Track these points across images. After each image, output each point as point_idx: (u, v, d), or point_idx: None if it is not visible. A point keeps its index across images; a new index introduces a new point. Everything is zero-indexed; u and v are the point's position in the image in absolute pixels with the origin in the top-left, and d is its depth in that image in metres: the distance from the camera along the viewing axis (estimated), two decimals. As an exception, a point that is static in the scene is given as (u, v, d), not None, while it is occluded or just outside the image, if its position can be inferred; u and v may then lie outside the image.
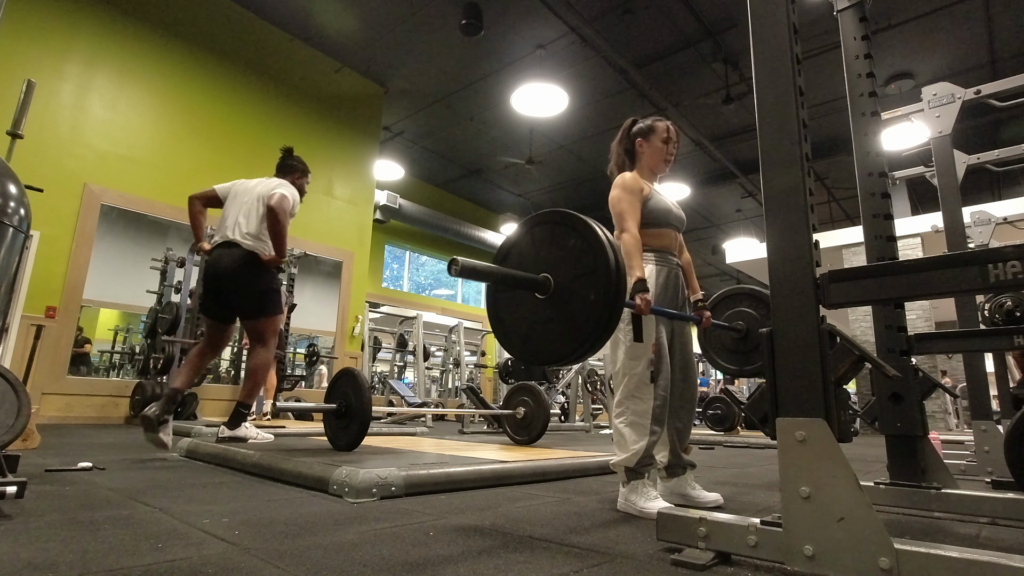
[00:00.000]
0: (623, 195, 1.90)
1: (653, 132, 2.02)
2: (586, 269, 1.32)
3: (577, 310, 1.31)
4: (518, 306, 1.45)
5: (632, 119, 2.10)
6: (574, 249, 1.35)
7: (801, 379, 1.13)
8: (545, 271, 1.39)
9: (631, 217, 1.86)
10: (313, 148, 7.58)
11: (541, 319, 1.39)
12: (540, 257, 1.42)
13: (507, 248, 1.50)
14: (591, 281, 1.31)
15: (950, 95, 2.90)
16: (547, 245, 1.42)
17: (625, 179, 1.95)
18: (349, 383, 2.75)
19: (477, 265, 1.33)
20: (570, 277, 1.35)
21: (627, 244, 1.80)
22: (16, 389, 1.62)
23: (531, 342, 1.41)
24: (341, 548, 1.21)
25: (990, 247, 1.42)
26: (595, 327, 1.29)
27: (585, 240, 1.34)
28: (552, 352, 1.36)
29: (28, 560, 1.05)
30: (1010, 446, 1.98)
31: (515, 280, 1.40)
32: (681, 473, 1.94)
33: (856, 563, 0.99)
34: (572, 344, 1.32)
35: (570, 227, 1.38)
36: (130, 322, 8.62)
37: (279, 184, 3.28)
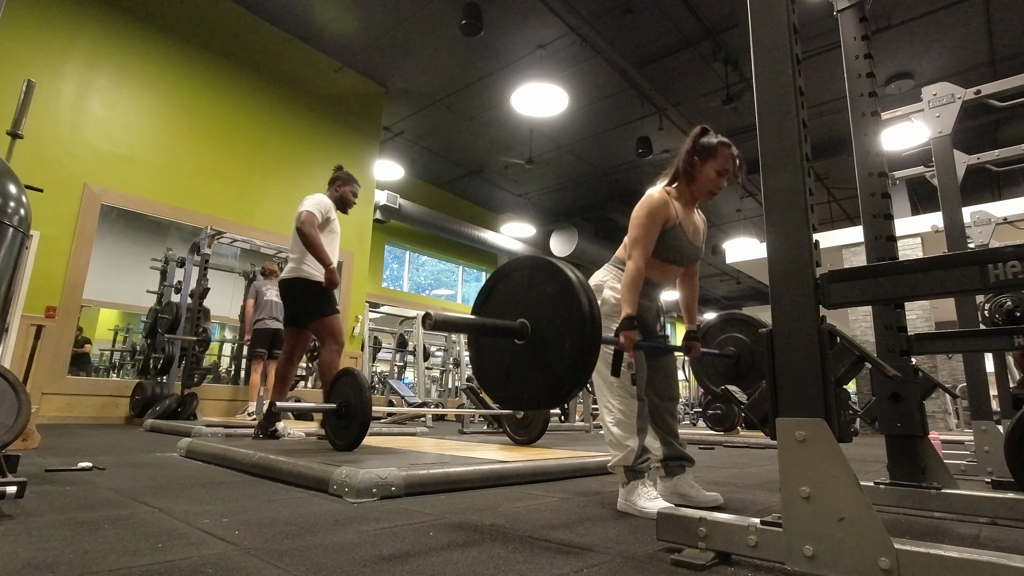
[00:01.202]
0: (644, 220, 1.80)
1: (712, 157, 1.85)
2: (561, 318, 1.32)
3: (553, 358, 1.31)
4: (497, 349, 1.45)
5: (702, 127, 1.91)
6: (551, 296, 1.35)
7: (801, 379, 1.13)
8: (523, 316, 1.38)
9: (642, 247, 1.78)
10: (313, 148, 7.59)
11: (519, 364, 1.39)
12: (519, 301, 1.41)
13: (488, 290, 1.50)
14: (566, 330, 1.30)
15: (950, 95, 2.90)
16: (525, 289, 1.41)
17: (653, 201, 1.83)
18: (349, 383, 2.75)
19: (450, 318, 1.34)
20: (546, 324, 1.35)
21: (629, 274, 1.75)
22: (16, 389, 1.62)
23: (509, 387, 1.41)
24: (341, 548, 1.21)
25: (990, 247, 1.42)
26: (570, 376, 1.29)
27: (561, 288, 1.33)
28: (529, 399, 1.36)
29: (28, 560, 1.05)
30: (1010, 446, 1.97)
31: (492, 329, 1.40)
32: (680, 471, 1.94)
33: (856, 563, 0.99)
34: (547, 392, 1.32)
35: (548, 274, 1.38)
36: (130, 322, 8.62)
37: (305, 200, 3.41)
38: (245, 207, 6.81)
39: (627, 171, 10.36)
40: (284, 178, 7.23)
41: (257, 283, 5.86)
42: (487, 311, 1.47)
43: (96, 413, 5.46)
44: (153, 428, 4.55)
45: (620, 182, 10.84)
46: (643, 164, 9.69)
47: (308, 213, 3.28)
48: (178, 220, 6.32)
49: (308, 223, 3.24)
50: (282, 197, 7.19)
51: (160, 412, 5.13)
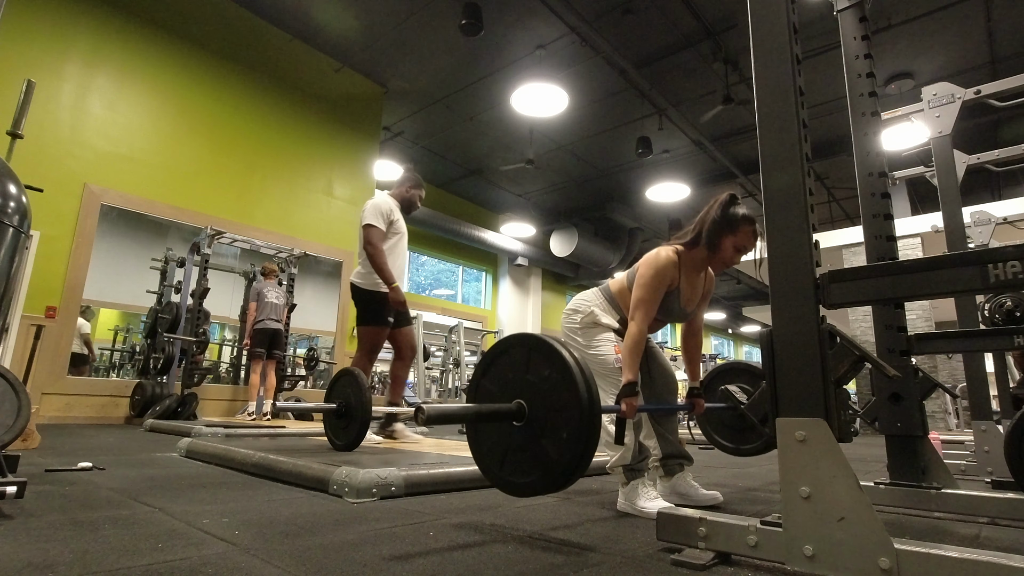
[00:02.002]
0: (650, 283, 1.76)
1: (732, 233, 1.78)
2: (560, 405, 1.28)
3: (550, 445, 1.27)
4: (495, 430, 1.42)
5: (731, 195, 1.83)
6: (549, 380, 1.31)
7: (801, 379, 1.13)
8: (520, 396, 1.35)
9: (645, 311, 1.75)
10: (313, 148, 7.59)
11: (515, 446, 1.35)
12: (516, 380, 1.38)
13: (485, 366, 1.47)
14: (564, 418, 1.26)
15: (950, 95, 2.90)
16: (523, 369, 1.37)
17: (661, 261, 1.78)
18: (349, 383, 2.75)
19: (445, 410, 1.29)
20: (544, 408, 1.31)
21: (631, 338, 1.72)
22: (16, 389, 1.62)
23: (505, 470, 1.37)
24: (341, 548, 1.21)
25: (990, 247, 1.42)
26: (567, 466, 1.24)
27: (560, 375, 1.29)
28: (526, 486, 1.31)
29: (28, 560, 1.05)
30: (1010, 446, 1.97)
31: (488, 415, 1.35)
32: (679, 470, 1.94)
33: (856, 563, 0.99)
34: (545, 481, 1.28)
35: (545, 357, 1.33)
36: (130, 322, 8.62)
37: (365, 210, 3.37)
38: (245, 207, 6.80)
39: (627, 171, 10.36)
40: (284, 178, 7.23)
41: (258, 284, 5.86)
42: (484, 389, 1.44)
43: (96, 413, 5.46)
44: (153, 428, 4.55)
45: (620, 182, 10.84)
46: (643, 164, 9.69)
47: (371, 230, 3.20)
48: (178, 220, 6.32)
49: (373, 241, 3.17)
50: (282, 197, 7.19)
51: (160, 412, 5.13)
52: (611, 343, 1.85)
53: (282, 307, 5.85)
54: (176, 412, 5.24)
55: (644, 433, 1.92)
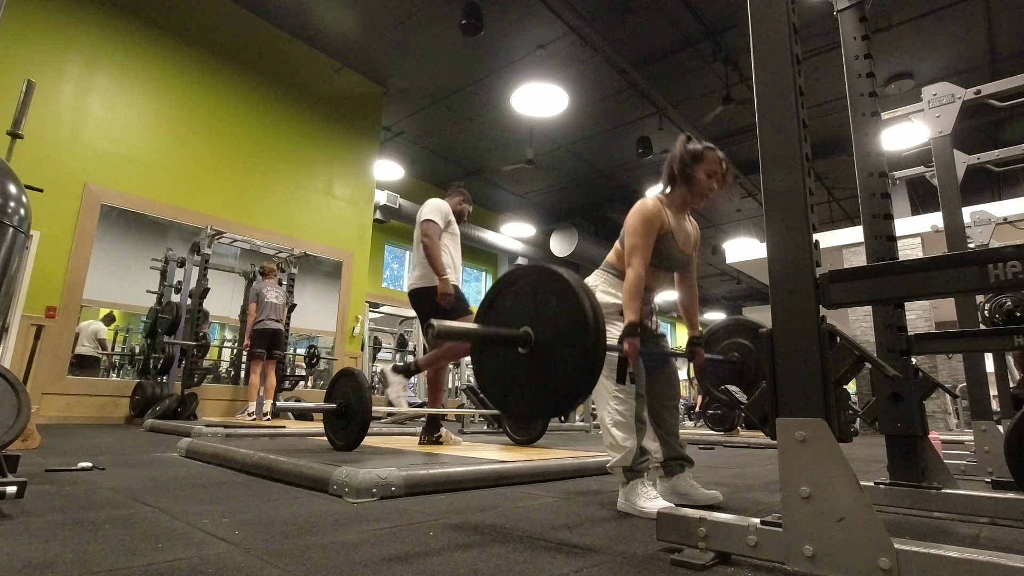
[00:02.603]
0: (639, 228, 1.82)
1: (700, 161, 1.88)
2: (566, 332, 1.30)
3: (555, 370, 1.30)
4: (501, 358, 1.44)
5: (687, 135, 1.95)
6: (555, 309, 1.33)
7: (801, 379, 1.13)
8: (527, 324, 1.37)
9: (641, 255, 1.80)
10: (313, 148, 7.59)
11: (521, 373, 1.38)
12: (523, 310, 1.40)
13: (491, 298, 1.49)
14: (570, 345, 1.29)
15: (950, 95, 2.90)
16: (530, 299, 1.40)
17: (647, 208, 1.85)
18: (349, 383, 2.75)
19: (454, 327, 1.33)
20: (550, 336, 1.33)
21: (630, 282, 1.76)
22: (16, 389, 1.62)
23: (511, 396, 1.39)
24: (341, 548, 1.21)
25: (990, 247, 1.42)
26: (572, 390, 1.28)
27: (566, 303, 1.32)
28: (531, 409, 1.36)
29: (28, 560, 1.05)
30: (1010, 446, 1.97)
31: (496, 338, 1.39)
32: (679, 471, 1.94)
33: (856, 563, 0.99)
34: (550, 404, 1.31)
35: (552, 285, 1.36)
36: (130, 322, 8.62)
37: (425, 207, 3.45)
38: (245, 207, 6.81)
39: (627, 171, 10.36)
40: (284, 178, 7.23)
41: (257, 284, 5.86)
42: (490, 320, 1.46)
43: (96, 413, 5.46)
44: (153, 428, 4.55)
45: (620, 182, 10.84)
46: (643, 164, 9.69)
47: (429, 223, 3.29)
48: (178, 220, 6.32)
49: (430, 233, 3.26)
50: (282, 197, 7.19)
51: (160, 412, 5.13)
52: None
53: (282, 307, 5.85)
54: (176, 412, 5.24)
55: (646, 436, 1.91)
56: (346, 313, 7.73)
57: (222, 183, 6.67)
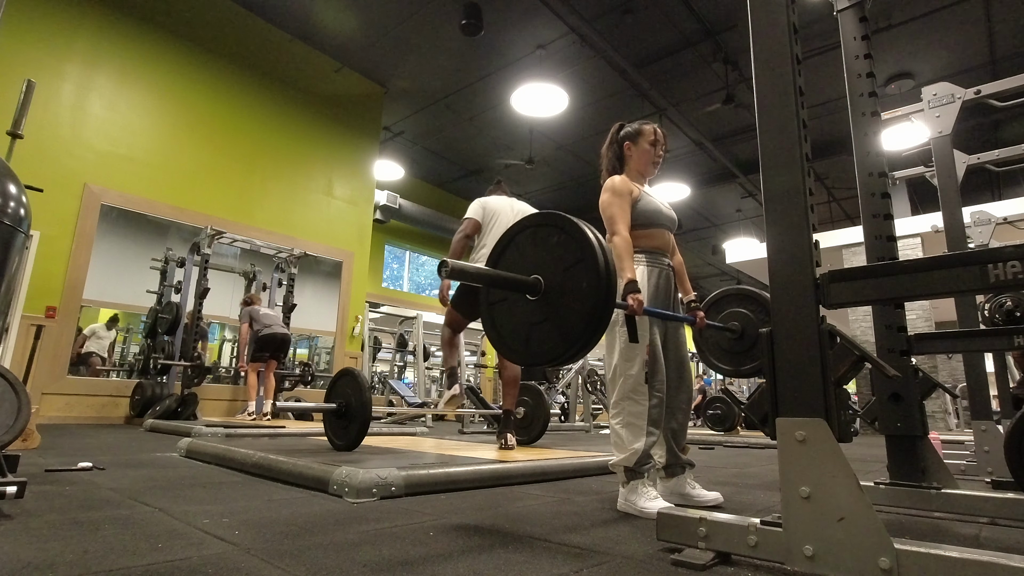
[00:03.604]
0: (612, 199, 1.91)
1: (640, 135, 2.04)
2: (573, 261, 1.32)
3: (569, 306, 1.31)
4: (511, 312, 1.45)
5: (619, 124, 2.13)
6: (559, 245, 1.36)
7: (801, 379, 1.13)
8: (535, 273, 1.39)
9: (621, 220, 1.87)
10: (313, 148, 7.59)
11: (535, 320, 1.39)
12: (528, 261, 1.42)
13: (503, 246, 1.51)
14: (579, 273, 1.31)
15: (950, 95, 2.90)
16: (533, 248, 1.42)
17: (614, 182, 1.96)
18: (349, 383, 2.75)
19: (467, 267, 1.34)
20: (559, 273, 1.35)
21: (618, 247, 1.80)
22: (16, 389, 1.62)
23: (529, 344, 1.40)
24: (341, 548, 1.21)
25: (990, 247, 1.42)
26: (587, 322, 1.28)
27: (567, 234, 1.35)
28: (548, 352, 1.36)
29: (28, 560, 1.05)
30: (1010, 446, 1.97)
31: (505, 281, 1.40)
32: (680, 473, 1.94)
33: (856, 563, 0.99)
34: (566, 343, 1.31)
35: (551, 225, 1.40)
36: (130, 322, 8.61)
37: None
38: (245, 207, 6.81)
39: (627, 171, 10.35)
40: (284, 178, 7.23)
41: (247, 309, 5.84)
42: (502, 266, 1.48)
43: (96, 413, 5.46)
44: (153, 428, 4.55)
45: (620, 182, 10.84)
46: (643, 164, 9.68)
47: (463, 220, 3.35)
48: (178, 220, 6.32)
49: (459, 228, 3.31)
50: (282, 197, 7.19)
51: (160, 412, 5.13)
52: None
53: (279, 317, 5.88)
54: (176, 412, 5.24)
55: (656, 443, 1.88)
56: (346, 313, 7.73)
57: (222, 183, 6.67)
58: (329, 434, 2.81)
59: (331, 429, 2.81)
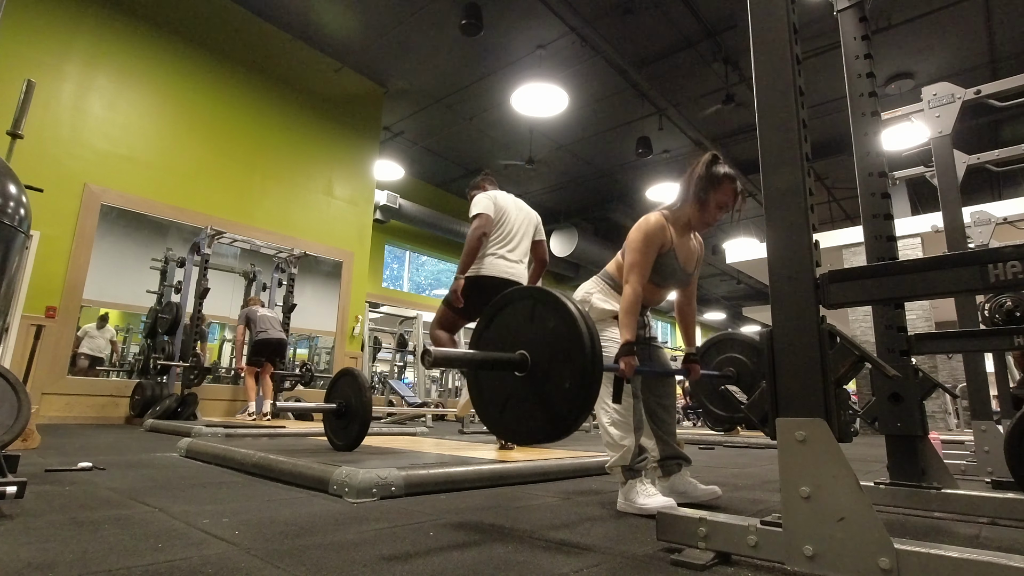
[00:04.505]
0: (640, 245, 1.79)
1: (715, 189, 1.81)
2: (563, 354, 1.29)
3: (553, 393, 1.29)
4: (497, 381, 1.42)
5: (713, 154, 1.87)
6: (553, 331, 1.32)
7: (801, 379, 1.13)
8: (523, 347, 1.36)
9: (639, 272, 1.78)
10: (313, 148, 7.59)
11: (518, 396, 1.36)
12: (519, 332, 1.39)
13: (488, 319, 1.47)
14: (567, 367, 1.28)
15: (950, 95, 2.90)
16: (527, 321, 1.38)
17: (649, 225, 1.81)
18: (349, 383, 2.75)
19: (450, 354, 1.32)
20: (547, 358, 1.32)
21: (627, 299, 1.75)
22: (16, 389, 1.62)
23: (507, 418, 1.37)
24: (341, 548, 1.21)
25: (990, 247, 1.42)
26: (569, 413, 1.26)
27: (564, 323, 1.30)
28: (528, 433, 1.33)
29: (28, 560, 1.05)
30: (1010, 446, 1.97)
31: (492, 363, 1.37)
32: (677, 470, 1.94)
33: (856, 563, 0.99)
34: (547, 428, 1.29)
35: (550, 307, 1.35)
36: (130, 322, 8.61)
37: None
38: (245, 207, 6.81)
39: (627, 171, 10.36)
40: (284, 178, 7.23)
41: (245, 311, 5.86)
42: (486, 340, 1.44)
43: (96, 413, 5.46)
44: (153, 428, 4.55)
45: (620, 182, 10.84)
46: (643, 164, 9.69)
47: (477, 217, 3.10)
48: (178, 220, 6.32)
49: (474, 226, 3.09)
50: (282, 197, 7.19)
51: (160, 412, 5.13)
52: (616, 343, 1.85)
53: (278, 319, 5.88)
54: (176, 412, 5.24)
55: (643, 434, 1.92)
56: (346, 313, 7.73)
57: (222, 183, 6.67)
58: (329, 434, 2.81)
59: (331, 429, 2.81)
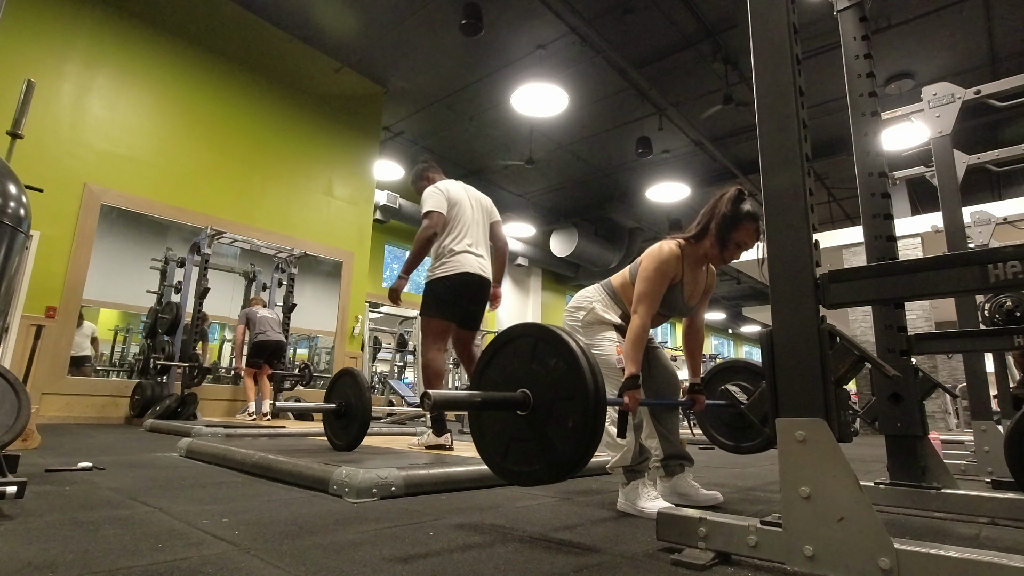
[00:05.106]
0: (653, 275, 1.77)
1: (736, 229, 1.77)
2: (566, 395, 1.27)
3: (555, 435, 1.27)
4: (498, 419, 1.41)
5: (739, 189, 1.84)
6: (555, 370, 1.30)
7: (801, 379, 1.13)
8: (526, 385, 1.34)
9: (648, 304, 1.76)
10: (313, 148, 7.59)
11: (519, 436, 1.34)
12: (521, 370, 1.37)
13: (490, 356, 1.46)
14: (570, 408, 1.26)
15: (950, 95, 2.90)
16: (529, 359, 1.36)
17: (663, 255, 1.79)
18: (349, 383, 2.75)
19: (450, 396, 1.30)
20: (549, 398, 1.30)
21: (634, 331, 1.73)
22: (16, 389, 1.62)
23: (509, 460, 1.35)
24: (341, 548, 1.21)
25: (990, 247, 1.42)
26: (572, 455, 1.24)
27: (567, 364, 1.28)
28: (529, 475, 1.31)
29: (28, 560, 1.05)
30: (1010, 446, 1.97)
31: (492, 403, 1.35)
32: (680, 470, 1.94)
33: (856, 563, 0.99)
34: (549, 471, 1.27)
35: (552, 345, 1.33)
36: (130, 322, 8.62)
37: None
38: (245, 207, 6.81)
39: (627, 171, 10.35)
40: (284, 178, 7.23)
41: (246, 311, 5.87)
42: (488, 379, 1.43)
43: (96, 413, 5.46)
44: (153, 428, 4.55)
45: (620, 182, 10.84)
46: (643, 164, 9.69)
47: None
48: (178, 220, 6.32)
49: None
50: (282, 197, 7.19)
51: (160, 412, 5.13)
52: (613, 343, 1.85)
53: (278, 321, 5.88)
54: (176, 412, 5.24)
55: (645, 434, 1.92)
56: (346, 313, 7.72)
57: (222, 183, 6.67)
58: (329, 434, 2.81)
59: (331, 429, 2.81)
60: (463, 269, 2.96)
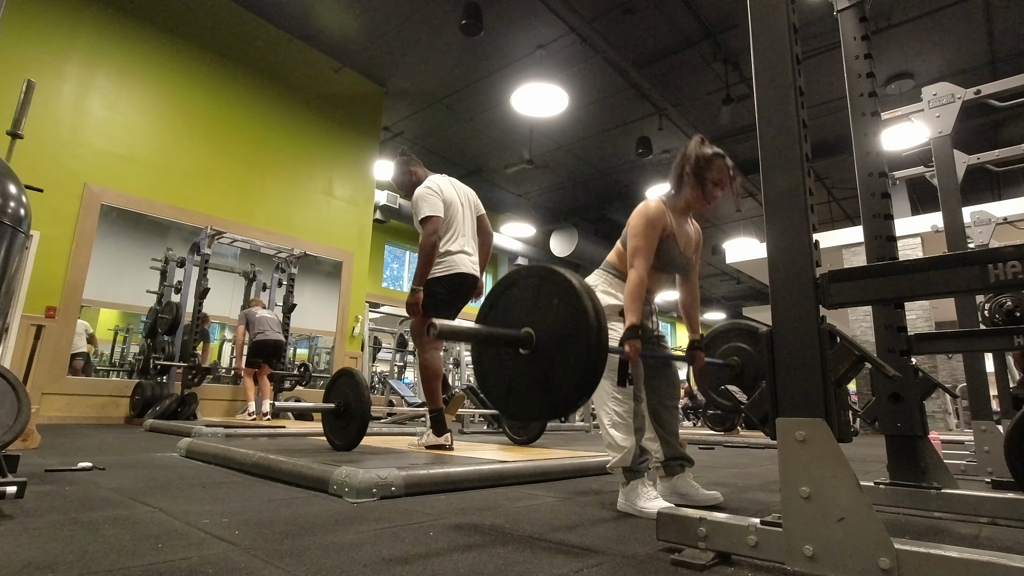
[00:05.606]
0: (643, 229, 1.81)
1: (709, 168, 1.85)
2: (568, 333, 1.29)
3: (557, 372, 1.29)
4: (501, 359, 1.42)
5: (700, 137, 1.91)
6: (558, 309, 1.32)
7: (801, 379, 1.13)
8: (529, 325, 1.35)
9: (643, 255, 1.79)
10: (313, 148, 7.59)
11: (522, 375, 1.36)
12: (525, 311, 1.39)
13: (494, 298, 1.48)
14: (572, 346, 1.27)
15: (950, 95, 2.90)
16: (532, 300, 1.38)
17: (649, 210, 1.84)
18: (348, 383, 2.75)
19: (456, 327, 1.32)
20: (552, 336, 1.32)
21: (632, 284, 1.76)
22: (16, 389, 1.62)
23: (512, 398, 1.38)
24: (341, 548, 1.21)
25: (990, 247, 1.42)
26: (573, 392, 1.26)
27: (569, 303, 1.30)
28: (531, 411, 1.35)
29: (28, 560, 1.04)
30: (1010, 446, 1.97)
31: (497, 338, 1.37)
32: (680, 471, 1.94)
33: (856, 563, 0.99)
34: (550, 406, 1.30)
35: (555, 285, 1.35)
36: (130, 322, 8.62)
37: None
38: (245, 207, 6.81)
39: (627, 171, 10.36)
40: (284, 178, 7.23)
41: (246, 311, 5.88)
42: (492, 320, 1.45)
43: (96, 413, 5.46)
44: (153, 428, 4.55)
45: (620, 182, 10.84)
46: (643, 164, 9.69)
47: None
48: (178, 220, 6.32)
49: None
50: (282, 197, 7.19)
51: (160, 412, 5.13)
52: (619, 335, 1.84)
53: (277, 321, 5.88)
54: (176, 412, 5.24)
55: (646, 437, 1.91)
56: (346, 313, 7.72)
57: (222, 183, 6.67)
58: (328, 434, 2.81)
59: (330, 429, 2.81)
60: (458, 269, 3.01)
